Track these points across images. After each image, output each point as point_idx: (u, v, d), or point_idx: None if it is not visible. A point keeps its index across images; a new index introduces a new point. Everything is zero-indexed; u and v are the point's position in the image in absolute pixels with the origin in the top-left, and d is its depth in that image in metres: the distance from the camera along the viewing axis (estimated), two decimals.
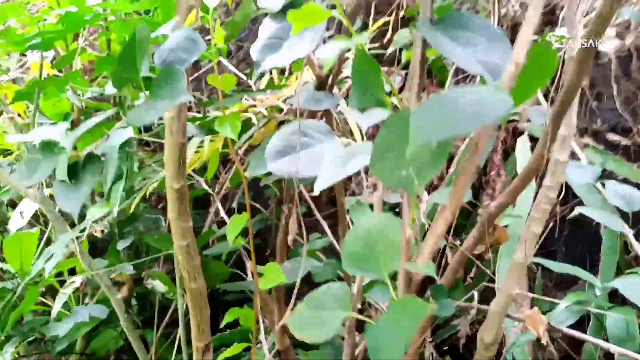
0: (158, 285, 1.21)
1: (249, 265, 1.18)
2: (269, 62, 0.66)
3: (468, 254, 1.32)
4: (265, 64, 0.66)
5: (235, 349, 1.20)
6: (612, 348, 0.98)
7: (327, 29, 0.69)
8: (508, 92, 0.32)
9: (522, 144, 1.64)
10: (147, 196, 1.64)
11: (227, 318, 0.96)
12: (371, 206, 1.23)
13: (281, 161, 0.68)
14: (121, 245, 1.41)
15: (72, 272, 1.47)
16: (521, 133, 1.76)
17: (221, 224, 1.63)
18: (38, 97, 0.93)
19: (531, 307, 1.38)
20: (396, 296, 0.41)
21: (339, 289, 0.46)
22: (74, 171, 0.52)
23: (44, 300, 1.59)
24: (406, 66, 1.75)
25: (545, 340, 1.17)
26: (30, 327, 1.26)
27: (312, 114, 0.99)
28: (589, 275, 1.33)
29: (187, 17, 0.83)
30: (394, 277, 0.43)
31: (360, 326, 1.15)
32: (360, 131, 0.77)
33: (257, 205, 1.60)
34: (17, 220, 1.17)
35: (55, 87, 0.93)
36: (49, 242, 1.42)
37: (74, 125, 1.35)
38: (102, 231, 1.14)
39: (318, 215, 1.57)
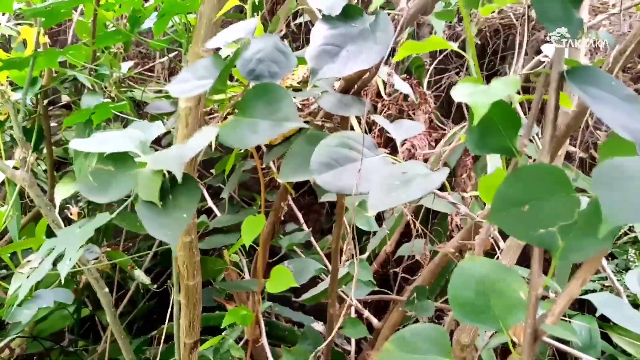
0: (142, 277, 1.14)
1: (244, 261, 1.14)
2: (328, 71, 0.62)
3: (452, 257, 1.36)
4: (323, 73, 0.62)
5: (213, 341, 1.17)
6: (579, 355, 1.05)
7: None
8: None
9: None
10: None
11: (228, 319, 0.92)
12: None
13: (327, 174, 0.66)
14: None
15: None
16: None
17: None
18: (32, 68, 0.82)
19: None
20: (514, 350, 0.41)
21: (434, 330, 0.45)
22: (160, 191, 0.45)
23: None
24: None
25: None
26: None
27: (329, 116, 0.96)
28: (549, 280, 1.42)
29: (217, 3, 0.77)
30: None
31: None
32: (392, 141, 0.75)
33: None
34: None
35: (48, 59, 0.82)
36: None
37: (45, 91, 1.24)
38: (79, 213, 1.05)
39: (294, 206, 1.55)
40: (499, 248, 1.30)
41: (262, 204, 0.84)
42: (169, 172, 0.46)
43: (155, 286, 1.22)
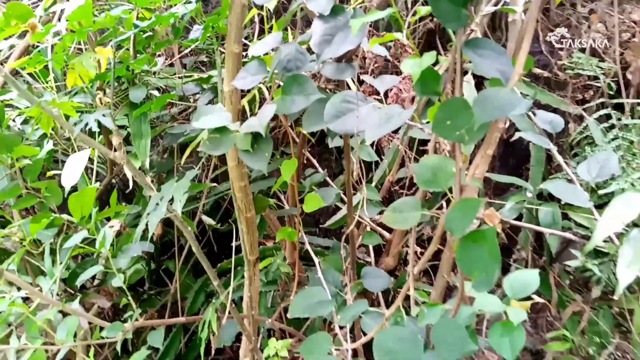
0: (208, 220, 1.49)
1: (283, 197, 1.49)
2: (327, 54, 0.94)
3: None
4: (324, 55, 0.94)
5: (266, 261, 1.54)
6: (545, 230, 1.41)
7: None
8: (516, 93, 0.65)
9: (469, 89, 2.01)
10: (161, 149, 1.88)
11: (280, 235, 1.28)
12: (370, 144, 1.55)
13: (337, 122, 0.98)
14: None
15: None
16: None
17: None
18: (114, 79, 1.14)
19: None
20: (453, 198, 0.75)
21: (412, 199, 0.79)
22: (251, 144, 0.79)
23: None
24: None
25: (500, 229, 1.59)
26: (90, 264, 1.52)
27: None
28: (522, 181, 1.75)
29: (241, 14, 1.07)
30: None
31: None
32: (379, 93, 1.07)
33: None
34: (71, 176, 1.40)
35: (120, 70, 1.12)
36: None
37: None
38: (152, 180, 1.39)
39: (309, 155, 1.89)
40: None
41: (292, 153, 1.17)
42: (254, 133, 0.79)
43: (220, 225, 1.58)
